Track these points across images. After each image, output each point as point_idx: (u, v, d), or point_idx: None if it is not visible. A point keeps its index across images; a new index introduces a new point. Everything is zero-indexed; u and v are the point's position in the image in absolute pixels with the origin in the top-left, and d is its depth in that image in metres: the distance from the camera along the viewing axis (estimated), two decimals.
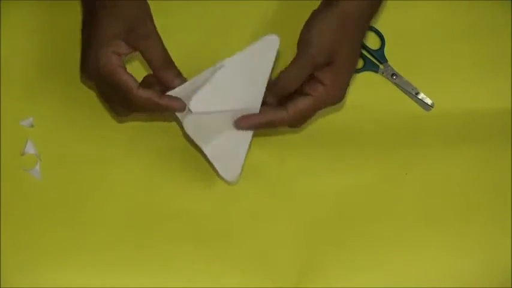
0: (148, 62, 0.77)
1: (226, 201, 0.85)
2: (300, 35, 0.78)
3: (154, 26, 0.77)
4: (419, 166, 0.87)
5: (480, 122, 0.89)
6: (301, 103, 0.78)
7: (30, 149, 0.85)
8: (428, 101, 0.90)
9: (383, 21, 0.92)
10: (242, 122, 0.78)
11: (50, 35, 0.90)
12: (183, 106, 0.77)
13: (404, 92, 0.91)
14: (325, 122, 0.89)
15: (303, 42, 0.77)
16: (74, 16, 0.84)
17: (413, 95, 0.90)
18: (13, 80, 0.87)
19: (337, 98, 0.79)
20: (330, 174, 0.87)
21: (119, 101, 0.77)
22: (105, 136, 0.86)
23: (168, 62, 0.78)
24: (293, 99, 0.78)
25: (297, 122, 0.80)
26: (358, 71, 0.91)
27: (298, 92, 0.78)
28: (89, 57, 0.76)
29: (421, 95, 0.90)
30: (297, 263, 0.83)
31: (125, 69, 0.76)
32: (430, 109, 0.90)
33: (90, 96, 0.87)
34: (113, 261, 0.82)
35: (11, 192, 0.83)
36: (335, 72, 0.77)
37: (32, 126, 0.86)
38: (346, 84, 0.79)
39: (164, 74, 0.78)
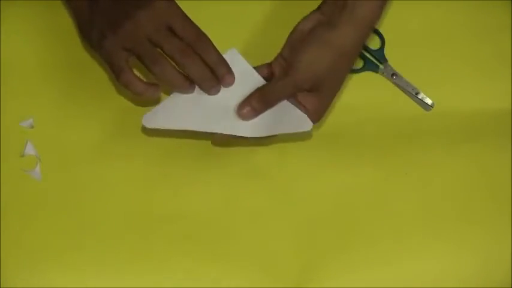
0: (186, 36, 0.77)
1: (226, 201, 0.85)
2: (290, 42, 0.79)
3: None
4: (419, 166, 0.87)
5: (480, 122, 0.89)
6: None
7: (30, 150, 0.85)
8: (428, 101, 0.90)
9: (383, 21, 0.92)
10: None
11: (50, 35, 0.90)
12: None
13: (404, 92, 0.91)
14: (325, 122, 0.89)
15: (290, 63, 0.78)
16: None
17: (413, 95, 0.90)
18: (13, 80, 0.87)
19: (314, 121, 0.80)
20: (330, 174, 0.87)
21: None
22: (105, 137, 0.86)
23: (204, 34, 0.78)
24: None
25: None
26: (358, 71, 0.91)
27: None
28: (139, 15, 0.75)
29: (421, 95, 0.90)
30: (297, 263, 0.83)
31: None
32: (430, 109, 0.90)
33: (91, 97, 0.87)
34: (112, 262, 0.82)
35: (11, 193, 0.83)
36: (319, 99, 0.79)
37: (32, 127, 0.86)
38: (326, 110, 0.81)
39: (202, 45, 0.77)
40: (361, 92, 0.90)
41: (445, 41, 0.92)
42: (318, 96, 0.79)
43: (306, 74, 0.77)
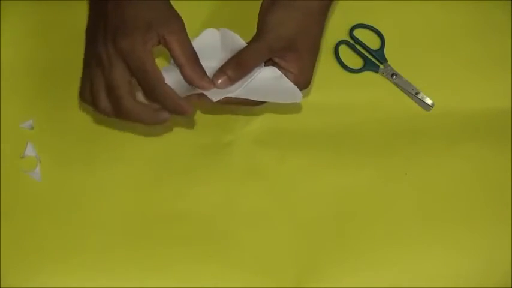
0: (177, 57, 0.74)
1: (226, 201, 0.85)
2: (259, 16, 0.78)
3: (183, 22, 0.75)
4: (419, 166, 0.87)
5: (480, 122, 0.89)
6: None
7: (30, 151, 0.85)
8: (428, 101, 0.90)
9: (383, 21, 0.92)
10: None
11: (50, 36, 0.90)
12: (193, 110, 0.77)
13: (404, 92, 0.91)
14: (325, 122, 0.89)
15: (261, 27, 0.77)
16: (75, 16, 0.84)
17: (413, 95, 0.90)
18: (13, 81, 0.87)
19: (304, 84, 0.79)
20: (330, 174, 0.87)
21: (128, 92, 0.73)
22: (105, 138, 0.86)
23: (197, 59, 0.75)
24: None
25: None
26: (358, 71, 0.91)
27: None
28: (124, 36, 0.72)
29: (421, 95, 0.90)
30: (297, 263, 0.83)
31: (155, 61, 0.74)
32: (430, 109, 0.90)
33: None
34: (112, 262, 0.82)
35: (11, 194, 0.83)
36: (300, 59, 0.77)
37: (32, 128, 0.86)
38: (311, 70, 0.79)
39: (192, 71, 0.74)
40: (361, 92, 0.90)
41: (445, 41, 0.92)
42: (298, 56, 0.77)
43: (274, 33, 0.76)
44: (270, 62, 0.78)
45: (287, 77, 0.78)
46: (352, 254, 0.84)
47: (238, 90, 0.76)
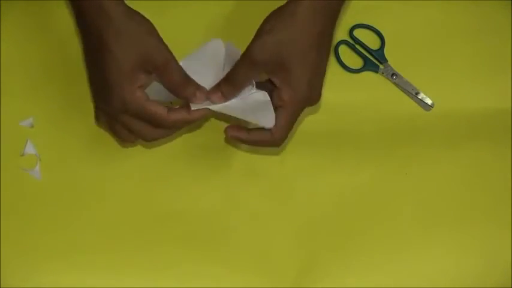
0: (168, 84, 0.76)
1: (226, 201, 0.85)
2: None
3: (167, 48, 0.75)
4: (419, 166, 0.88)
5: (480, 122, 0.90)
6: (278, 119, 0.76)
7: (30, 149, 0.85)
8: (428, 101, 0.90)
9: (383, 21, 0.92)
10: (231, 132, 0.79)
11: (50, 35, 0.90)
12: (208, 113, 0.77)
13: (404, 92, 0.91)
14: (325, 122, 0.89)
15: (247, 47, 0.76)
16: None
17: (413, 95, 0.90)
18: (13, 80, 0.87)
19: (301, 101, 0.77)
20: (330, 174, 0.87)
21: (147, 129, 0.77)
22: (105, 136, 0.86)
23: (187, 78, 0.76)
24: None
25: (281, 139, 0.78)
26: (358, 71, 0.91)
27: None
28: (112, 96, 0.74)
29: (421, 95, 0.90)
30: (297, 263, 0.83)
31: (149, 99, 0.75)
32: (430, 109, 0.90)
33: (90, 97, 0.87)
34: (112, 262, 0.82)
35: (11, 193, 0.83)
36: (288, 74, 0.75)
37: (32, 126, 0.86)
38: (306, 86, 0.76)
39: (185, 91, 0.76)
40: (361, 92, 0.91)
41: (445, 41, 0.92)
42: (286, 70, 0.75)
43: (258, 42, 0.74)
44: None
45: (280, 94, 0.76)
46: (352, 253, 0.84)
47: (218, 106, 0.77)
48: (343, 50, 0.92)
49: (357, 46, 0.92)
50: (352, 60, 0.92)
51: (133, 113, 0.75)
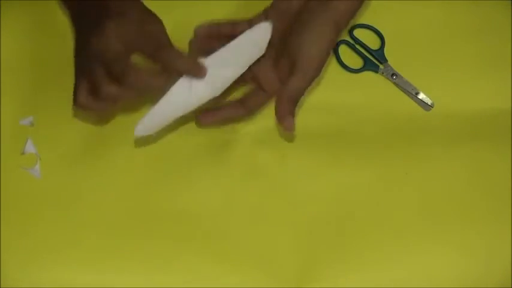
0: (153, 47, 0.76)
1: (226, 201, 0.85)
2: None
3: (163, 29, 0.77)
4: (419, 166, 0.87)
5: (480, 122, 0.90)
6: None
7: (30, 148, 0.85)
8: (428, 101, 0.90)
9: (383, 21, 0.92)
10: (204, 120, 0.81)
11: (50, 35, 0.90)
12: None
13: (404, 92, 0.91)
14: (325, 122, 0.89)
15: (292, 54, 0.78)
16: None
17: (413, 95, 0.90)
18: (13, 79, 0.87)
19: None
20: (330, 174, 0.87)
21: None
22: (105, 135, 0.86)
23: (170, 43, 0.77)
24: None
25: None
26: (358, 71, 0.92)
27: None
28: (93, 41, 0.75)
29: (421, 95, 0.90)
30: (297, 263, 0.83)
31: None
32: (430, 109, 0.90)
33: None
34: (112, 260, 0.82)
35: (10, 191, 0.83)
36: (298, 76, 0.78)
37: (32, 125, 0.86)
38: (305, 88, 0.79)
39: (168, 53, 0.76)
40: (361, 92, 0.91)
41: (445, 41, 0.92)
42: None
43: (311, 63, 0.77)
44: None
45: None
46: (353, 253, 0.84)
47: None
48: (343, 50, 0.93)
49: (357, 46, 0.93)
50: (352, 60, 0.92)
51: (110, 60, 0.74)
